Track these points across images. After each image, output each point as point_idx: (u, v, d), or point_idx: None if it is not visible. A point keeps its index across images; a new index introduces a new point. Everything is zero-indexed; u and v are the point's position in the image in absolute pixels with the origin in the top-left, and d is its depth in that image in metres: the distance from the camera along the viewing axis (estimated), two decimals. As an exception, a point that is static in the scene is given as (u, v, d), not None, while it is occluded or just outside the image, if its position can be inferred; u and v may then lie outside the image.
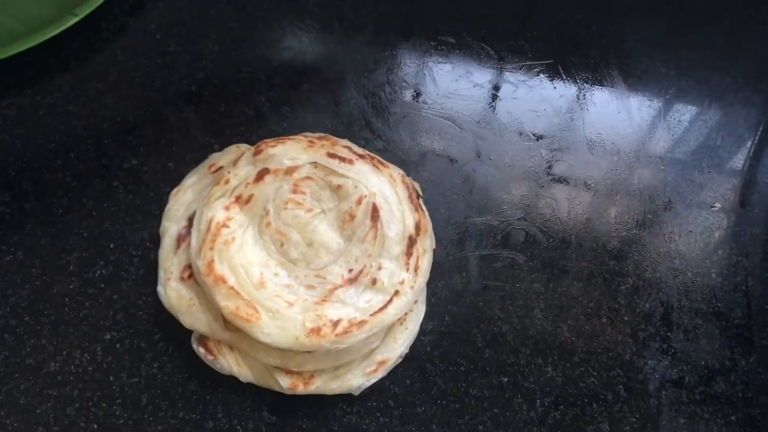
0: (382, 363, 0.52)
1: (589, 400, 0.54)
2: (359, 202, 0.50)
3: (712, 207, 0.63)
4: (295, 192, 0.51)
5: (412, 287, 0.50)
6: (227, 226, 0.49)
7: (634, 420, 0.54)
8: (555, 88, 0.68)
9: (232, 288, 0.47)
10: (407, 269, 0.50)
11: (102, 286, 0.56)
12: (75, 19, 0.62)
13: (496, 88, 0.68)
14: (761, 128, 0.68)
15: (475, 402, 0.54)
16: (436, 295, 0.57)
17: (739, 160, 0.67)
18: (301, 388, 0.50)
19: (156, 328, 0.55)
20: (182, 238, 0.53)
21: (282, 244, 0.50)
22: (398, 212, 0.51)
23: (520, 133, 0.65)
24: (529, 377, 0.55)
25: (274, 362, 0.49)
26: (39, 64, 0.64)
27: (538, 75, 0.69)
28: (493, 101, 0.67)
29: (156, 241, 0.57)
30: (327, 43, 0.69)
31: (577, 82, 0.69)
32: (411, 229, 0.51)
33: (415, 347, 0.54)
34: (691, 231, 0.62)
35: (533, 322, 0.57)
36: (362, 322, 0.47)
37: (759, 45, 0.73)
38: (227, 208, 0.50)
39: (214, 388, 0.53)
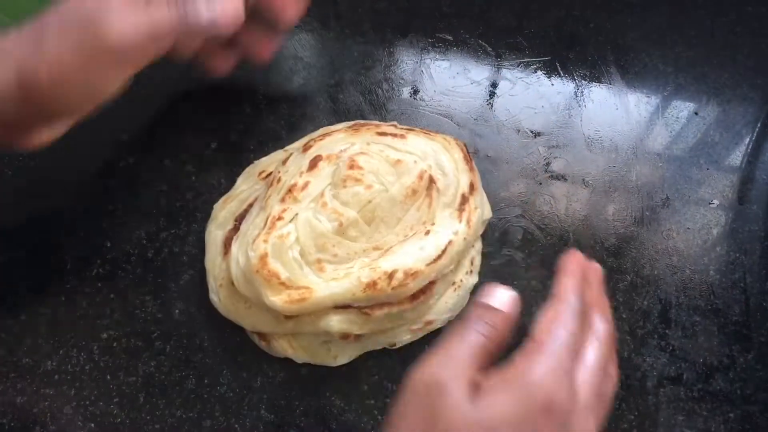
0: (428, 323, 0.53)
1: (588, 397, 0.54)
2: (421, 177, 0.51)
3: (710, 204, 0.63)
4: (352, 168, 0.51)
5: (465, 238, 0.51)
6: (282, 218, 0.49)
7: (632, 417, 0.54)
8: (553, 85, 0.68)
9: (282, 283, 0.47)
10: (460, 221, 0.51)
11: (99, 284, 0.56)
12: (70, 17, 0.62)
13: (494, 85, 0.68)
14: (759, 125, 0.68)
15: (474, 400, 0.53)
16: (434, 292, 0.57)
17: (737, 157, 0.66)
18: (352, 340, 0.51)
19: (153, 326, 0.55)
20: (228, 242, 0.52)
21: (341, 224, 0.49)
22: (454, 177, 0.52)
23: (518, 131, 0.65)
24: (527, 375, 0.55)
25: (336, 327, 0.49)
26: (35, 62, 0.64)
27: (536, 72, 0.69)
28: (491, 98, 0.67)
29: (152, 240, 0.57)
30: (324, 40, 0.69)
31: (574, 79, 0.68)
32: (465, 188, 0.52)
33: (413, 346, 0.54)
34: (689, 228, 0.62)
35: (531, 320, 0.57)
36: (417, 273, 0.48)
37: (757, 41, 0.72)
38: (282, 200, 0.50)
39: (211, 387, 0.53)
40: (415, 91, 0.66)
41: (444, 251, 0.49)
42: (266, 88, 0.65)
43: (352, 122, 0.58)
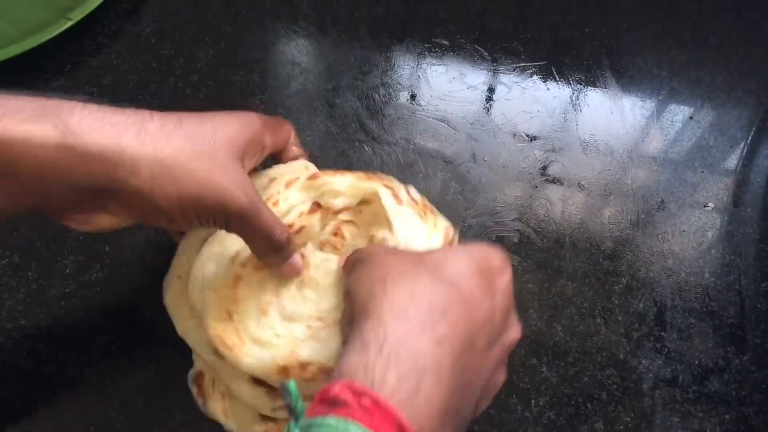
0: None
1: (584, 399, 0.54)
2: None
3: (705, 207, 0.64)
4: (335, 235, 0.50)
5: None
6: None
7: (628, 419, 0.54)
8: (548, 89, 0.68)
9: (228, 312, 0.46)
10: None
11: (98, 289, 0.56)
12: (69, 23, 0.62)
13: (490, 89, 0.68)
14: (754, 128, 0.69)
15: (470, 402, 0.54)
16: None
17: (731, 160, 0.67)
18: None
19: (152, 330, 0.55)
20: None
21: (302, 280, 0.48)
22: None
23: (514, 135, 0.66)
24: (524, 377, 0.55)
25: (246, 397, 0.48)
26: (33, 68, 0.64)
27: (532, 76, 0.69)
28: (487, 103, 0.67)
29: (152, 244, 0.57)
30: (321, 45, 0.69)
31: (570, 84, 0.69)
32: None
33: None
34: (684, 231, 0.62)
35: (528, 323, 0.57)
36: (330, 370, 0.45)
37: (751, 46, 0.73)
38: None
39: (210, 390, 0.53)
40: (412, 96, 0.67)
41: None
42: (263, 94, 0.65)
43: (368, 173, 0.54)
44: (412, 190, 0.53)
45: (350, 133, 0.64)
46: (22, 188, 0.37)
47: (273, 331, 0.47)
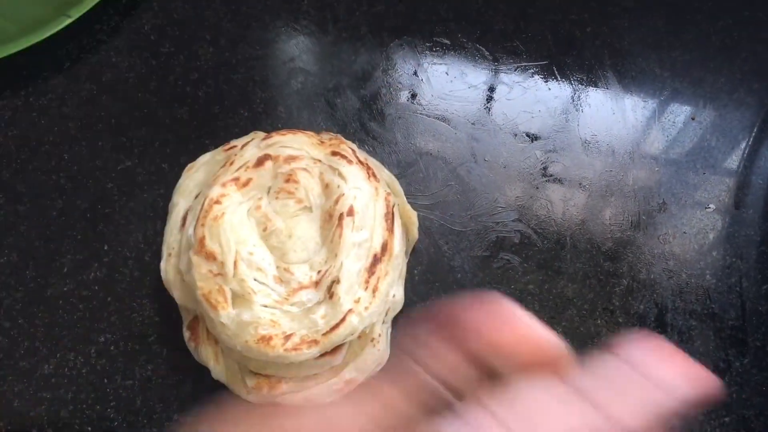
0: (349, 382, 0.51)
1: (584, 401, 0.54)
2: (337, 201, 0.50)
3: (706, 208, 0.63)
4: (288, 181, 0.51)
5: (366, 308, 0.48)
6: (219, 203, 0.49)
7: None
8: (550, 89, 0.68)
9: (210, 271, 0.47)
10: (366, 288, 0.49)
11: (96, 288, 0.56)
12: (68, 21, 0.62)
13: (491, 89, 0.68)
14: (756, 129, 0.68)
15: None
16: (431, 296, 0.57)
17: (733, 162, 0.67)
18: (265, 391, 0.49)
19: (150, 330, 0.55)
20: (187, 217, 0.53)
21: (265, 229, 0.50)
22: (369, 224, 0.50)
23: (515, 135, 0.65)
24: (523, 379, 0.55)
25: (235, 356, 0.49)
26: (32, 65, 0.64)
27: (533, 76, 0.69)
28: (488, 102, 0.67)
29: (150, 243, 0.57)
30: (322, 44, 0.69)
31: (571, 83, 0.69)
32: (377, 247, 0.50)
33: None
34: (685, 232, 0.62)
35: (528, 324, 0.57)
36: (313, 342, 0.47)
37: (753, 46, 0.73)
38: (223, 185, 0.50)
39: (209, 391, 0.53)
40: (413, 96, 0.66)
41: (343, 320, 0.47)
42: (264, 93, 0.65)
43: (329, 134, 0.57)
44: (359, 152, 0.55)
45: (350, 132, 0.64)
46: None
47: (246, 283, 0.48)
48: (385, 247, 0.51)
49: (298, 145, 0.53)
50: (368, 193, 0.52)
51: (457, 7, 0.71)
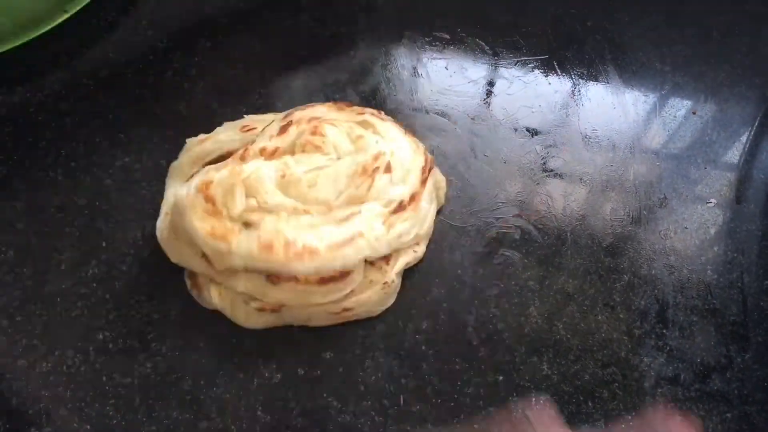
0: (346, 310, 0.52)
1: (585, 397, 0.54)
2: (376, 158, 0.50)
3: (707, 203, 0.63)
4: (314, 134, 0.51)
5: (377, 238, 0.49)
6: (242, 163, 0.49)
7: (629, 417, 0.54)
8: (550, 83, 0.68)
9: (205, 211, 0.47)
10: (383, 223, 0.50)
11: (94, 285, 0.55)
12: (66, 16, 0.62)
13: (491, 83, 0.67)
14: (756, 123, 0.68)
15: (471, 401, 0.53)
16: (431, 293, 0.57)
17: (734, 156, 0.66)
18: (268, 312, 0.51)
19: (149, 327, 0.54)
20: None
21: (283, 175, 0.49)
22: (403, 178, 0.52)
23: (515, 129, 0.65)
24: (524, 375, 0.55)
25: (242, 287, 0.49)
26: (29, 61, 0.63)
27: (533, 70, 0.68)
28: (488, 97, 0.67)
29: (148, 240, 0.57)
30: (320, 39, 0.68)
31: (572, 78, 0.68)
32: (406, 196, 0.51)
33: (409, 346, 0.54)
34: (686, 227, 0.62)
35: (528, 320, 0.57)
36: (314, 251, 0.47)
37: (754, 40, 0.72)
38: (243, 158, 0.50)
39: (207, 388, 0.52)
40: (412, 90, 0.66)
41: (349, 240, 0.48)
42: (262, 88, 0.65)
43: (338, 102, 0.58)
44: (383, 114, 0.57)
45: (350, 127, 0.64)
46: None
47: (260, 215, 0.48)
48: (413, 198, 0.52)
49: (319, 113, 0.53)
50: (408, 147, 0.53)
51: (456, 2, 0.71)
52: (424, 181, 0.54)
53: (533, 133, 0.65)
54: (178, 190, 0.51)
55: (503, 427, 0.39)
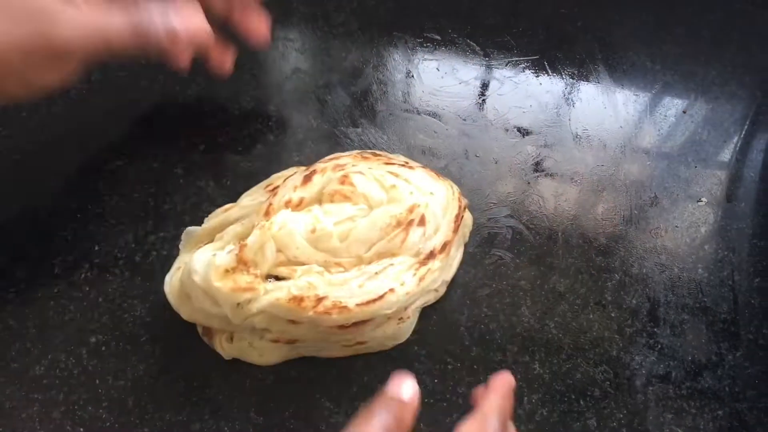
0: (360, 343, 0.52)
1: (577, 396, 0.54)
2: (411, 210, 0.49)
3: (698, 202, 0.63)
4: (343, 183, 0.50)
5: (408, 293, 0.49)
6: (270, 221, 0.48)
7: (621, 416, 0.54)
8: (541, 84, 0.68)
9: (230, 270, 0.47)
10: (414, 275, 0.49)
11: (87, 288, 0.55)
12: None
13: (482, 84, 0.68)
14: (747, 122, 0.68)
15: (463, 400, 0.54)
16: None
17: (724, 155, 0.67)
18: (281, 344, 0.51)
19: (142, 330, 0.54)
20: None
21: (314, 230, 0.48)
22: (435, 229, 0.51)
23: (507, 130, 0.65)
24: (516, 374, 0.55)
25: (260, 324, 0.49)
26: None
27: (524, 71, 0.69)
28: (479, 98, 0.67)
29: (141, 243, 0.57)
30: (312, 40, 0.69)
31: (563, 78, 0.69)
32: (438, 245, 0.50)
33: (401, 346, 0.54)
34: (677, 226, 0.62)
35: (520, 320, 0.57)
36: (344, 308, 0.46)
37: (745, 39, 0.73)
38: (270, 213, 0.49)
39: (200, 390, 0.53)
40: (404, 92, 0.66)
41: (381, 297, 0.48)
42: (254, 90, 0.65)
43: (364, 151, 0.57)
44: (410, 162, 0.55)
45: (342, 129, 0.64)
46: None
47: (290, 268, 0.48)
48: (444, 246, 0.51)
49: (344, 161, 0.52)
50: (443, 195, 0.52)
51: (447, 3, 0.71)
52: (456, 229, 0.53)
53: (524, 133, 0.65)
54: (203, 255, 0.49)
55: None
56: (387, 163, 0.53)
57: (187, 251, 0.53)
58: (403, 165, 0.53)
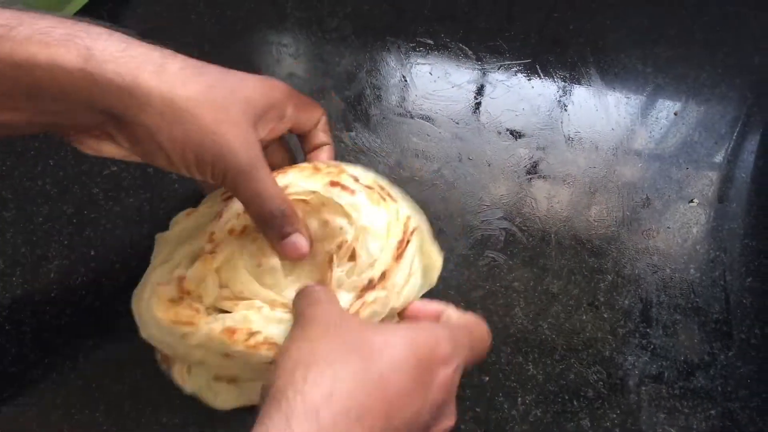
0: None
1: (570, 396, 0.55)
2: (339, 246, 0.48)
3: (690, 203, 0.64)
4: None
5: None
6: (214, 253, 0.47)
7: (614, 416, 0.54)
8: (533, 87, 0.69)
9: (172, 300, 0.46)
10: (349, 309, 0.46)
11: (83, 293, 0.56)
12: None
13: (475, 88, 0.68)
14: (739, 124, 0.69)
15: (457, 401, 0.54)
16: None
17: (717, 156, 0.67)
18: (225, 382, 0.49)
19: (138, 334, 0.55)
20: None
21: (259, 265, 0.48)
22: (375, 256, 0.48)
23: (499, 133, 0.66)
24: (510, 375, 0.55)
25: (198, 356, 0.48)
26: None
27: (517, 74, 0.69)
28: (472, 101, 0.67)
29: (136, 247, 0.57)
30: (306, 45, 0.69)
31: (555, 81, 0.69)
32: (376, 275, 0.47)
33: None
34: (669, 227, 0.63)
35: (514, 321, 0.57)
36: (274, 345, 0.45)
37: (736, 41, 0.73)
38: (213, 240, 0.48)
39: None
40: (397, 96, 0.67)
41: None
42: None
43: (330, 162, 0.53)
44: (364, 176, 0.52)
45: (336, 133, 0.64)
46: (41, 108, 0.39)
47: (234, 302, 0.47)
48: (383, 276, 0.47)
49: (292, 181, 0.49)
50: (382, 222, 0.49)
51: (440, 7, 0.72)
52: (397, 257, 0.48)
53: (517, 136, 0.66)
54: (152, 280, 0.49)
55: None
56: (333, 183, 0.49)
57: (158, 261, 0.52)
58: (345, 188, 0.49)
